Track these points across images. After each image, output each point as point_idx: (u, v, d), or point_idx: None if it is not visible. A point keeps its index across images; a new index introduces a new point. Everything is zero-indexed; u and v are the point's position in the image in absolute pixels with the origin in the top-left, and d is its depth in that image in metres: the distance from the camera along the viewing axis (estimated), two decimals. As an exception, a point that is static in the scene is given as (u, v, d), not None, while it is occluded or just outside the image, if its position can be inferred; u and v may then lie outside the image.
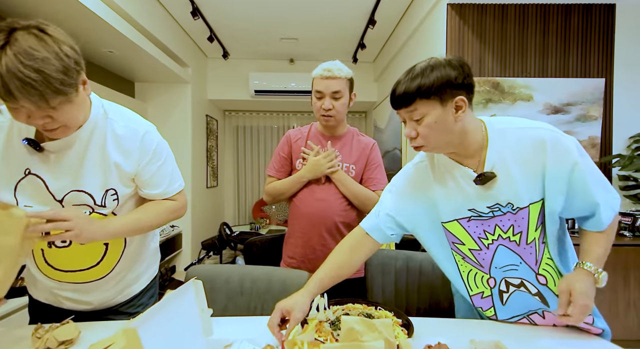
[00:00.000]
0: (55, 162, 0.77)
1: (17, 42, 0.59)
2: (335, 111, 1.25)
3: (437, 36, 2.25)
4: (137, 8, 2.41)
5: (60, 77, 0.62)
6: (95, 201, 0.80)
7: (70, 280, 0.84)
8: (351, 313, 0.90)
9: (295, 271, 1.13)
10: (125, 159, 0.81)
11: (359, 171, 1.32)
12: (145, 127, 0.85)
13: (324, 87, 1.23)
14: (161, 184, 0.88)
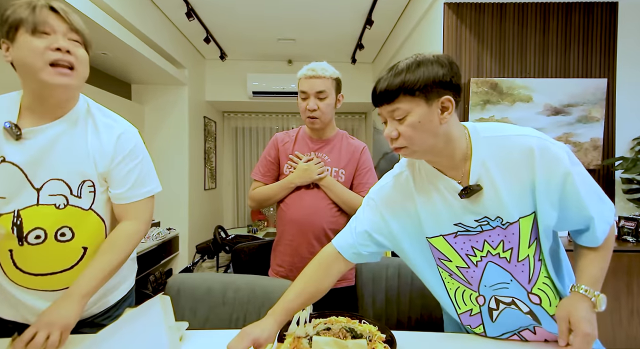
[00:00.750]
0: (34, 150, 0.75)
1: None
2: (320, 112, 1.21)
3: (434, 36, 2.20)
4: (129, 9, 2.39)
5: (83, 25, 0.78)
6: (71, 191, 0.79)
7: (40, 287, 0.78)
8: (333, 327, 0.85)
9: (279, 281, 1.09)
10: (101, 155, 0.81)
11: (348, 175, 1.28)
12: (125, 127, 0.87)
13: (308, 86, 1.20)
14: (124, 186, 0.84)
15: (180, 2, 2.70)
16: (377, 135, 3.98)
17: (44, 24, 0.69)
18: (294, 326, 0.84)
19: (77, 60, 0.74)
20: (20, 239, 0.74)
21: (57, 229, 0.77)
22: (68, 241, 0.78)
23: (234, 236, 3.07)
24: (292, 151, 1.29)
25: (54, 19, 0.71)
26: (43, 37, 0.70)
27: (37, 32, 0.69)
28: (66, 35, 0.73)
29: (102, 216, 0.84)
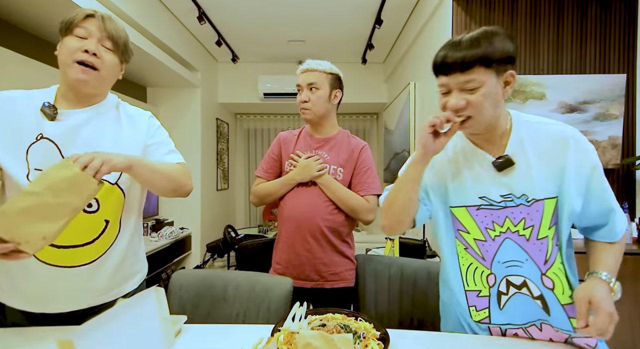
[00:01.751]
0: (67, 128, 0.84)
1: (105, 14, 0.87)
2: (310, 104, 1.24)
3: (443, 34, 2.16)
4: (145, 15, 2.47)
5: (125, 39, 0.90)
6: None
7: (62, 262, 0.81)
8: (328, 323, 0.85)
9: (279, 278, 1.10)
10: (137, 135, 0.93)
11: (347, 174, 1.27)
12: (149, 113, 1.01)
13: (301, 79, 1.26)
14: (160, 152, 0.95)
15: (192, 6, 2.77)
16: (388, 135, 3.95)
17: (84, 30, 0.81)
18: (289, 321, 0.84)
19: (101, 63, 0.83)
20: None
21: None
22: (94, 212, 0.84)
23: (243, 235, 3.11)
24: (294, 149, 1.31)
25: (93, 25, 0.82)
26: (80, 40, 0.81)
27: (77, 35, 0.81)
28: (100, 41, 0.83)
29: (124, 191, 0.90)
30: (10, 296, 0.84)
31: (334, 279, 1.24)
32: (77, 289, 0.85)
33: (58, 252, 0.81)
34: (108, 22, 0.84)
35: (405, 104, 3.04)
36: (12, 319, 0.85)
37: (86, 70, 0.82)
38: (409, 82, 2.94)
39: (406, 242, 2.12)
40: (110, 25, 0.84)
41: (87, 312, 0.88)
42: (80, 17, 0.82)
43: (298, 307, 0.91)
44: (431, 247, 2.28)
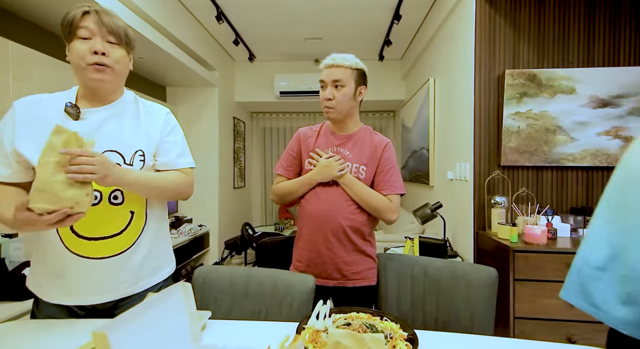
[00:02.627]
0: (91, 126, 0.87)
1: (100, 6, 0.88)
2: (335, 102, 1.18)
3: (466, 27, 2.10)
4: (164, 15, 2.51)
5: (124, 27, 0.88)
6: (125, 160, 0.89)
7: (91, 253, 0.83)
8: (353, 322, 0.83)
9: (302, 275, 1.09)
10: (154, 128, 0.95)
11: (369, 172, 1.23)
12: (167, 109, 1.03)
13: (326, 75, 1.19)
14: (172, 154, 0.97)
15: (211, 5, 2.79)
16: (405, 133, 3.88)
17: (86, 29, 0.82)
18: (313, 319, 0.83)
19: (112, 60, 0.86)
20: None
21: (111, 192, 0.86)
22: (119, 204, 0.87)
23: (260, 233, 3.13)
24: (314, 146, 1.27)
25: (92, 22, 0.82)
26: (86, 42, 0.83)
27: (81, 36, 0.83)
28: (105, 38, 0.84)
29: None
30: (48, 292, 0.87)
31: (356, 278, 1.22)
32: (108, 280, 0.86)
33: (88, 244, 0.83)
34: (104, 15, 0.84)
35: (424, 100, 2.98)
36: (46, 313, 0.88)
37: (100, 69, 0.84)
38: (428, 79, 2.87)
39: (426, 241, 2.07)
40: (106, 18, 0.84)
41: (117, 304, 0.91)
42: (78, 16, 0.82)
43: (322, 305, 0.90)
44: (452, 247, 2.23)
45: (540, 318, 1.60)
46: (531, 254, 1.60)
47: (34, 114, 0.85)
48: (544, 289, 1.60)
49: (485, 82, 1.98)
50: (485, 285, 1.14)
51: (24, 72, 1.72)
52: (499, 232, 1.79)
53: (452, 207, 2.34)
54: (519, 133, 1.92)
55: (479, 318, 1.13)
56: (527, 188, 1.96)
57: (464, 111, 2.15)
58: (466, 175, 2.08)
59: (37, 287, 0.89)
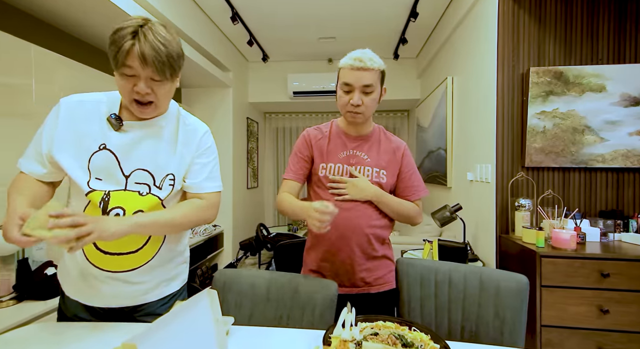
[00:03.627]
0: (130, 141, 0.85)
1: (153, 25, 0.78)
2: (364, 107, 1.09)
3: (487, 23, 2.03)
4: (181, 17, 2.53)
5: (175, 57, 0.80)
6: (155, 182, 0.87)
7: (111, 267, 0.84)
8: (381, 332, 0.80)
9: (323, 281, 1.06)
10: (187, 150, 0.92)
11: (390, 176, 1.17)
12: (206, 128, 1.01)
13: (354, 79, 1.07)
14: (200, 176, 0.94)
15: (226, 6, 2.80)
16: (421, 133, 3.81)
17: (130, 69, 0.76)
18: (339, 329, 0.80)
19: (156, 97, 0.82)
20: (103, 212, 0.82)
21: (134, 212, 0.84)
22: None
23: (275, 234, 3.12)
24: (327, 149, 1.17)
25: (139, 63, 0.75)
26: (130, 80, 0.78)
27: (125, 73, 0.77)
28: (150, 77, 0.78)
29: (164, 203, 0.90)
30: (70, 289, 0.90)
31: (378, 283, 1.19)
32: (125, 289, 0.88)
33: (107, 258, 0.84)
34: (149, 51, 0.74)
35: (441, 99, 2.91)
36: (73, 310, 0.90)
37: (143, 107, 0.82)
38: (446, 77, 2.81)
39: (446, 244, 2.02)
40: (151, 54, 0.74)
41: (136, 307, 0.91)
42: (124, 51, 0.74)
43: (346, 313, 0.87)
44: (473, 251, 2.17)
45: (569, 327, 1.53)
46: (559, 260, 1.54)
47: (77, 115, 0.84)
48: (573, 297, 1.53)
49: (508, 81, 1.91)
50: (514, 293, 1.09)
51: (46, 74, 1.75)
52: (523, 236, 1.72)
53: (472, 209, 2.28)
54: (545, 133, 1.84)
55: (508, 328, 1.08)
56: (553, 190, 1.88)
57: (485, 110, 2.08)
58: (488, 176, 2.02)
59: (63, 282, 0.92)
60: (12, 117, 1.58)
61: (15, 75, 1.60)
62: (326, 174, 1.15)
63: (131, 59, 0.74)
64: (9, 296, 1.46)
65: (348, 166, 1.15)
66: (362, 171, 1.15)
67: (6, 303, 1.41)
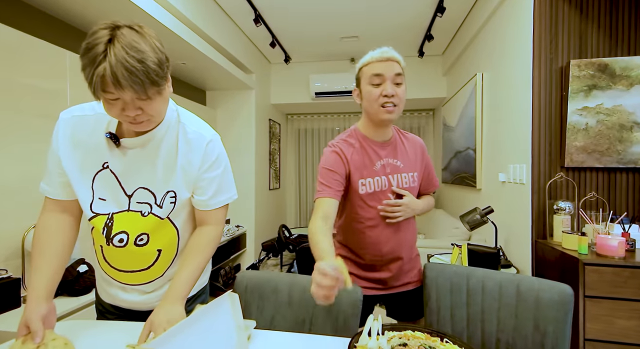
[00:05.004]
0: (129, 159, 0.80)
1: (123, 36, 0.64)
2: (398, 99, 1.01)
3: (522, 15, 1.91)
4: (205, 20, 2.57)
5: (156, 68, 0.66)
6: (156, 200, 0.83)
7: (124, 280, 0.87)
8: (410, 343, 0.75)
9: (347, 285, 1.02)
10: (190, 164, 0.83)
11: (419, 177, 1.18)
12: (211, 136, 0.87)
13: (385, 68, 1.00)
14: (207, 193, 0.87)
15: (249, 9, 2.82)
16: (447, 132, 3.67)
17: (110, 94, 0.65)
18: (365, 337, 0.76)
19: (147, 115, 0.72)
20: (107, 239, 0.81)
21: (137, 235, 0.82)
22: (144, 245, 0.84)
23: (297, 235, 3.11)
24: (362, 162, 1.08)
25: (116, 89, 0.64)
26: (116, 103, 0.67)
27: (109, 99, 0.66)
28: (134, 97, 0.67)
29: (177, 225, 0.88)
30: (101, 291, 0.96)
31: (408, 282, 1.21)
32: (141, 298, 0.90)
33: (120, 274, 0.86)
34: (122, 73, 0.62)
35: (470, 97, 2.78)
36: (106, 306, 0.96)
37: (137, 125, 0.73)
38: (475, 74, 2.68)
39: (476, 249, 1.91)
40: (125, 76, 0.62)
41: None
42: (97, 81, 0.63)
43: (372, 320, 0.82)
44: (506, 256, 2.04)
45: (616, 342, 1.40)
46: (606, 268, 1.40)
47: (80, 131, 0.80)
48: (621, 309, 1.39)
49: (545, 75, 1.78)
50: (557, 305, 1.00)
51: (80, 80, 1.82)
52: (563, 242, 1.59)
53: (504, 212, 2.15)
54: (587, 131, 1.70)
55: (550, 342, 0.98)
56: (596, 192, 1.73)
57: (519, 107, 1.96)
58: (522, 178, 1.89)
59: (97, 283, 0.97)
60: (47, 119, 1.65)
61: (51, 80, 1.68)
62: (367, 191, 1.07)
63: (107, 85, 0.63)
64: (44, 291, 1.53)
65: (385, 177, 1.09)
66: (400, 179, 1.10)
67: (42, 297, 1.47)
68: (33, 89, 1.59)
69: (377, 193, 1.07)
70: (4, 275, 1.41)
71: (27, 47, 1.57)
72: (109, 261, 0.85)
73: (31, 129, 1.58)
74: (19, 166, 1.53)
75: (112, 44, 0.62)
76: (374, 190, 1.07)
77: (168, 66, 0.72)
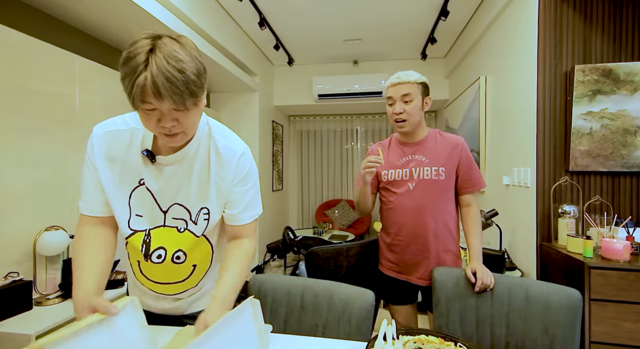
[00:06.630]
0: (165, 176, 0.80)
1: (164, 46, 0.63)
2: (406, 114, 1.27)
3: (527, 20, 1.93)
4: (210, 23, 2.59)
5: (195, 79, 0.66)
6: (191, 217, 0.83)
7: (159, 290, 0.89)
8: (425, 348, 0.76)
9: (360, 290, 1.04)
10: (222, 179, 0.83)
11: (449, 172, 1.28)
12: (243, 149, 0.87)
13: (394, 92, 1.28)
14: (238, 206, 0.86)
15: (254, 12, 2.84)
16: (449, 135, 3.69)
17: (149, 104, 0.64)
18: (380, 342, 0.78)
19: (182, 126, 0.70)
20: (146, 256, 0.82)
21: (174, 252, 0.83)
22: (181, 263, 0.85)
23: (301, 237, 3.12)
24: (386, 159, 1.35)
25: (155, 100, 0.63)
26: (151, 114, 0.67)
27: (146, 109, 0.66)
28: (171, 108, 0.66)
29: (211, 242, 0.89)
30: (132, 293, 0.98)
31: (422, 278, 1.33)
32: (172, 304, 0.92)
33: (156, 285, 0.88)
34: (162, 83, 0.62)
35: (473, 99, 2.80)
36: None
37: (172, 138, 0.72)
38: (478, 77, 2.70)
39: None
40: (165, 86, 0.62)
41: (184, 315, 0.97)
42: (137, 92, 0.63)
43: (387, 325, 0.84)
44: (511, 259, 2.05)
45: (622, 344, 1.41)
46: (611, 272, 1.42)
47: (117, 148, 0.79)
48: (627, 312, 1.41)
49: (550, 80, 1.80)
50: (566, 309, 1.02)
51: (89, 84, 1.84)
52: (568, 245, 1.61)
53: (508, 215, 2.17)
54: (592, 135, 1.72)
55: (559, 346, 1.00)
56: (601, 196, 1.75)
57: (523, 111, 1.97)
58: (527, 181, 1.91)
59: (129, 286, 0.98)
60: (57, 123, 1.67)
61: (60, 84, 1.70)
62: (388, 179, 1.33)
63: (147, 96, 0.63)
64: (55, 294, 1.54)
65: (408, 169, 1.30)
66: (421, 172, 1.28)
67: (53, 300, 1.48)
68: (42, 94, 1.60)
69: (398, 181, 1.31)
70: (15, 278, 1.43)
71: (37, 52, 1.58)
72: (145, 274, 0.86)
73: (42, 133, 1.59)
74: (30, 170, 1.54)
75: (154, 53, 0.62)
76: (394, 179, 1.31)
77: (205, 77, 0.70)
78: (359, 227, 4.51)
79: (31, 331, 1.25)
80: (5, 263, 1.45)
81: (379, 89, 3.88)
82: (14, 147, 1.48)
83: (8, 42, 1.46)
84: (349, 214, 4.64)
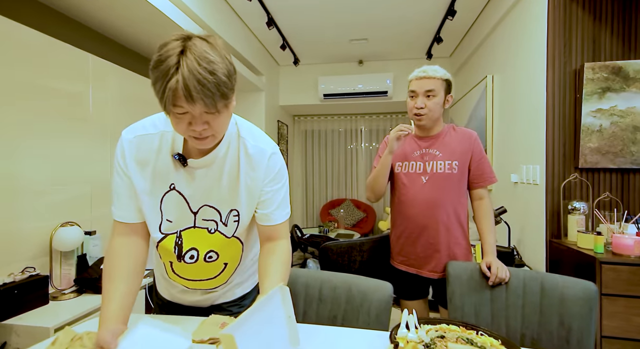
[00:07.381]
0: (197, 179, 0.80)
1: (195, 47, 0.62)
2: (427, 109, 1.27)
3: (536, 18, 1.95)
4: (219, 22, 2.61)
5: (226, 80, 0.64)
6: (221, 218, 0.83)
7: (191, 286, 0.91)
8: (448, 335, 0.78)
9: (378, 282, 1.05)
10: (253, 181, 0.82)
11: (462, 165, 1.30)
12: (272, 148, 0.85)
13: (418, 86, 1.28)
14: (271, 206, 0.85)
15: (262, 12, 2.86)
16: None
17: (180, 107, 0.63)
18: (403, 330, 0.79)
19: (213, 129, 0.69)
20: (179, 257, 0.84)
21: (206, 252, 0.84)
22: (213, 261, 0.87)
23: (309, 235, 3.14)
24: (402, 150, 1.37)
25: (187, 103, 0.62)
26: (182, 118, 0.66)
27: (177, 112, 0.65)
28: (203, 111, 0.64)
29: (242, 240, 0.89)
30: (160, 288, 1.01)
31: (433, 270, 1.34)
32: (201, 297, 0.95)
33: (188, 282, 0.90)
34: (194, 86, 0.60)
35: (480, 98, 2.82)
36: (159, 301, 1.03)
37: (202, 141, 0.71)
38: (485, 76, 2.72)
39: (490, 249, 1.94)
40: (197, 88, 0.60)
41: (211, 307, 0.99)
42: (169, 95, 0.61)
43: (408, 315, 0.85)
44: (520, 255, 2.07)
45: (633, 339, 1.42)
46: (622, 267, 1.43)
47: (146, 152, 0.78)
48: (637, 306, 1.42)
49: (559, 78, 1.82)
50: (581, 301, 1.03)
51: (102, 83, 1.86)
52: (579, 241, 1.62)
53: (517, 212, 2.18)
54: (601, 132, 1.73)
55: (575, 337, 1.01)
56: (610, 193, 1.76)
57: (532, 109, 1.99)
58: (536, 178, 1.92)
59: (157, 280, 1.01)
60: (71, 120, 1.69)
61: (74, 83, 1.72)
62: (402, 171, 1.36)
63: (179, 99, 0.61)
64: (70, 289, 1.56)
65: (422, 163, 1.32)
66: (435, 165, 1.30)
67: (68, 295, 1.50)
68: (56, 92, 1.62)
69: (411, 174, 1.33)
70: (32, 273, 1.45)
71: (51, 50, 1.60)
72: (178, 273, 0.88)
73: (56, 131, 1.61)
74: (46, 167, 1.56)
75: (185, 55, 0.60)
76: (408, 171, 1.34)
77: (235, 78, 0.69)
78: (364, 226, 4.52)
79: (49, 324, 1.27)
80: (22, 258, 1.47)
81: (384, 88, 3.90)
82: (31, 144, 1.50)
83: (26, 40, 1.48)
84: (353, 213, 4.66)
